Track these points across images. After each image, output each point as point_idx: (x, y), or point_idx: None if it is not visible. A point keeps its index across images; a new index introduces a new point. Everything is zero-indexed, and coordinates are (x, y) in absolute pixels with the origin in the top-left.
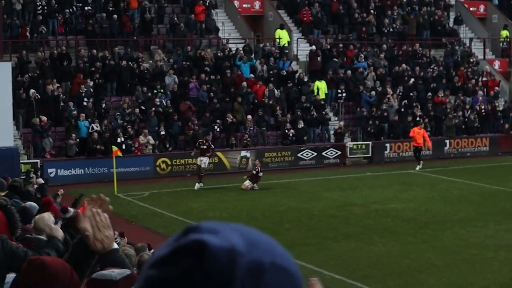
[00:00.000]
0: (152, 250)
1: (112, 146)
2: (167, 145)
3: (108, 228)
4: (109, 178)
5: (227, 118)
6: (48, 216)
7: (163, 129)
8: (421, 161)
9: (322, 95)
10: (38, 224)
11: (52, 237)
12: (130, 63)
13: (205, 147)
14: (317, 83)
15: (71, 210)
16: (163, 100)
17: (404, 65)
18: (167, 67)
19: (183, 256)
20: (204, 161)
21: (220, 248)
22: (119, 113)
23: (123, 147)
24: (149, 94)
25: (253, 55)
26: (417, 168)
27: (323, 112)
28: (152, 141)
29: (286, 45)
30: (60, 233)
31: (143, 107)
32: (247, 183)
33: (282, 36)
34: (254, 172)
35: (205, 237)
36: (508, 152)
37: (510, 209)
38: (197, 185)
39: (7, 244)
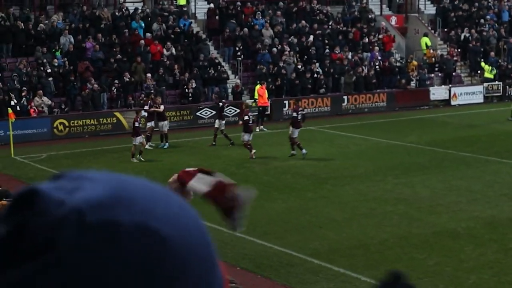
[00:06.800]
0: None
1: (8, 108)
2: (63, 106)
3: None
4: (5, 141)
5: (125, 78)
6: None
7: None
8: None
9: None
10: None
11: None
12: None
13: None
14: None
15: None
16: (60, 61)
17: (303, 22)
18: (63, 27)
19: (14, 211)
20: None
21: (51, 200)
22: (16, 74)
23: (18, 108)
24: (49, 54)
25: (149, 16)
26: (258, 130)
27: (221, 70)
28: (48, 102)
29: (184, 3)
30: None
31: (42, 68)
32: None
33: None
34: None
35: (43, 186)
36: (404, 107)
37: (407, 163)
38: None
39: None
